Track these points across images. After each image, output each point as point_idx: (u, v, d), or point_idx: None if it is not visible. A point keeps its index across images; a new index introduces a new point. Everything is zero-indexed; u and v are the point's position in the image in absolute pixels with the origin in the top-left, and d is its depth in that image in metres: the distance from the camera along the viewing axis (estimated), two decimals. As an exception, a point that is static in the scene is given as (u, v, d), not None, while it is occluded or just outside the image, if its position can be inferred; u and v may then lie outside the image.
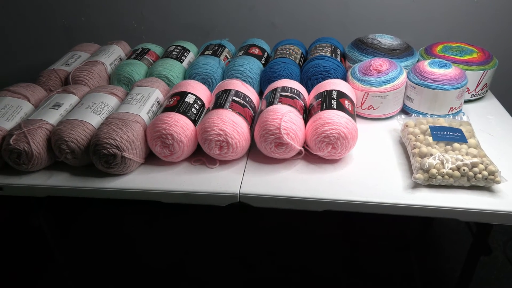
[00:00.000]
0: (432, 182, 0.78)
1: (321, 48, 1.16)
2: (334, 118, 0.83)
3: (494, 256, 1.44)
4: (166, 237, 1.56)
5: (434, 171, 0.77)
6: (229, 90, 0.95)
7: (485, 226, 0.86)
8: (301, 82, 1.09)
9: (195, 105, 0.93)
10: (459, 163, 0.77)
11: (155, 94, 0.99)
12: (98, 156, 0.83)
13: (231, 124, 0.84)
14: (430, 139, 0.84)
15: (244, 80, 1.09)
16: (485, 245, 0.87)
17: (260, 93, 1.13)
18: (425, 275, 1.37)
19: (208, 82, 1.11)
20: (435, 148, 0.82)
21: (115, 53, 1.25)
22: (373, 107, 1.01)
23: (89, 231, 1.60)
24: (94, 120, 0.90)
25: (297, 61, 1.15)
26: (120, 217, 1.64)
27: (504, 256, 1.45)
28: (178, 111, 0.87)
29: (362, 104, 1.02)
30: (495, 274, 1.39)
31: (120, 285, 1.38)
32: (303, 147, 0.88)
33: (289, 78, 1.07)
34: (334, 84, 0.96)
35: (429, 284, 1.34)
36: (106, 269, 1.44)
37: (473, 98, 1.11)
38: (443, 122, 0.90)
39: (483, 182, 0.77)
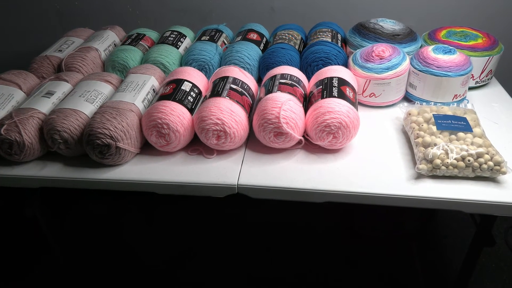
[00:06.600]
0: (436, 173, 0.76)
1: (321, 33, 1.12)
2: (335, 107, 0.81)
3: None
4: (163, 229, 1.55)
5: (438, 161, 0.75)
6: (227, 77, 0.92)
7: (489, 217, 0.85)
8: (301, 69, 1.06)
9: (192, 93, 0.90)
10: (464, 153, 0.75)
11: (151, 81, 0.96)
12: (92, 146, 0.81)
13: (229, 113, 0.82)
14: (434, 128, 0.82)
15: (242, 67, 1.06)
16: (489, 236, 0.85)
17: (259, 80, 1.10)
18: (426, 266, 1.36)
19: (205, 69, 1.08)
20: (439, 137, 0.80)
21: (109, 38, 1.21)
22: (375, 95, 0.99)
23: (84, 222, 1.58)
24: (88, 109, 0.87)
25: (297, 47, 1.11)
26: (116, 208, 1.62)
27: (505, 244, 1.44)
28: (174, 100, 0.85)
29: (363, 91, 0.99)
30: (496, 262, 1.38)
31: (116, 276, 1.38)
32: (303, 136, 0.85)
33: (288, 65, 1.04)
34: (335, 71, 0.94)
35: (431, 274, 1.33)
36: (101, 260, 1.43)
37: (478, 85, 1.08)
38: (447, 111, 0.88)
39: (489, 173, 0.75)
